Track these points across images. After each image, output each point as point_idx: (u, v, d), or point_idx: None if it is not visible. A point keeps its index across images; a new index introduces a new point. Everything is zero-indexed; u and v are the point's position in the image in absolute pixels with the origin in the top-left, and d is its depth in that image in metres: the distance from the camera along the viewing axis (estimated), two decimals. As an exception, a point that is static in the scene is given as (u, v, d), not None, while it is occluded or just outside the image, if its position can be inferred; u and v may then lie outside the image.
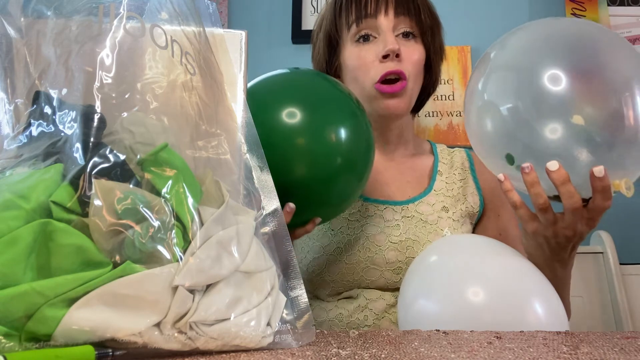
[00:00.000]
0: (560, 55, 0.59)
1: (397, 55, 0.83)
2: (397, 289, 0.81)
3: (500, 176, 0.63)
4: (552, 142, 0.57)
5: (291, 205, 0.64)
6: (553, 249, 0.66)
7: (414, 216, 0.86)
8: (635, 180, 0.61)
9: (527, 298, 0.58)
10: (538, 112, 0.57)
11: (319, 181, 0.67)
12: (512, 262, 0.62)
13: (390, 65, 0.82)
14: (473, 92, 0.66)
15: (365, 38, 0.85)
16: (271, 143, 0.61)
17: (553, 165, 0.57)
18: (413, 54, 0.85)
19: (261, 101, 0.67)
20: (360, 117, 0.71)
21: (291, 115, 0.66)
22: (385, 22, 0.84)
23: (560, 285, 0.68)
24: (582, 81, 0.57)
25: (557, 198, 0.61)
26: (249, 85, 0.70)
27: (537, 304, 0.57)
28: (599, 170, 0.57)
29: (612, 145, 0.56)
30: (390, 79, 0.83)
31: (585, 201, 0.60)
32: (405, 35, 0.86)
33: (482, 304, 0.57)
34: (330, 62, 0.92)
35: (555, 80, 0.57)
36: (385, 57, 0.83)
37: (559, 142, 0.57)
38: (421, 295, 0.62)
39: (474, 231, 0.93)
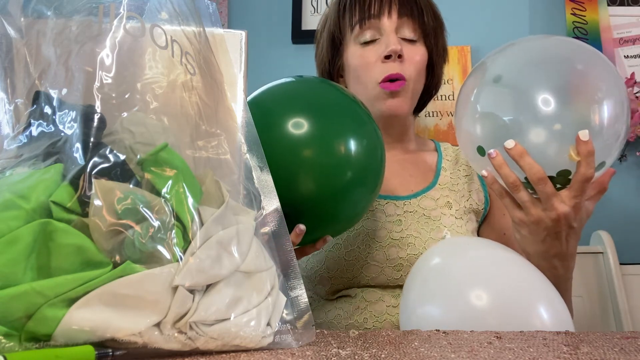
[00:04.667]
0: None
1: (400, 56, 0.84)
2: (398, 287, 0.81)
3: (483, 172, 0.67)
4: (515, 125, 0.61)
5: (301, 227, 0.62)
6: (545, 239, 0.65)
7: (416, 211, 0.86)
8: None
9: (531, 302, 0.57)
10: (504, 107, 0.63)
11: (331, 196, 0.63)
12: (516, 265, 0.62)
13: (392, 67, 0.84)
14: (465, 102, 0.68)
15: (369, 42, 0.86)
16: (280, 157, 0.59)
17: (510, 143, 0.61)
18: (415, 55, 0.86)
19: (266, 112, 0.64)
20: (370, 124, 0.68)
21: (300, 126, 0.62)
22: (389, 23, 0.85)
23: (562, 286, 0.68)
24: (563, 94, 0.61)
25: (528, 182, 0.63)
26: (251, 96, 0.68)
27: (541, 308, 0.57)
28: (584, 134, 0.58)
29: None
30: (391, 80, 0.84)
31: (560, 183, 0.63)
32: (408, 40, 0.87)
33: (486, 308, 0.57)
34: (333, 61, 0.93)
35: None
36: (387, 57, 0.83)
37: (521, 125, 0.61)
38: (424, 299, 0.62)
39: (479, 229, 0.93)
